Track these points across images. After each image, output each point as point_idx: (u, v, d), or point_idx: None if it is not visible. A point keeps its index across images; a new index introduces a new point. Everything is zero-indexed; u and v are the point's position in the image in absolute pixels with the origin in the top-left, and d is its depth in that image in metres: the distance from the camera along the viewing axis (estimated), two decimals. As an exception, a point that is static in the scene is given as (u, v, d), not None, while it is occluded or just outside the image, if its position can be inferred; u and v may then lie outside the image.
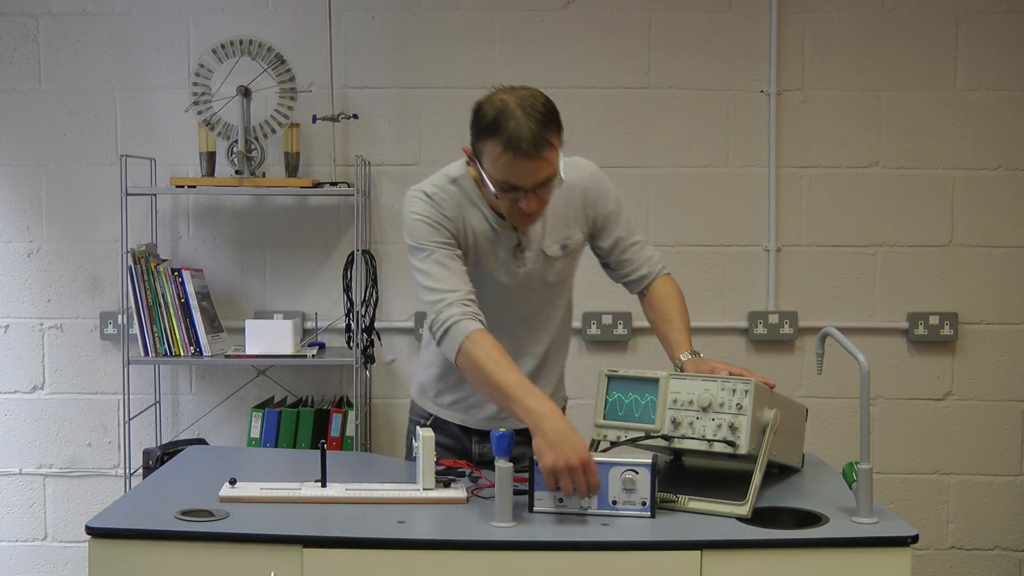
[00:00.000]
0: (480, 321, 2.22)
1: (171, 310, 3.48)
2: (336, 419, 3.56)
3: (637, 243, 2.49)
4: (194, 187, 3.53)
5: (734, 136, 3.79)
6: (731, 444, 2.03)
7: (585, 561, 1.92)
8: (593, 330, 3.78)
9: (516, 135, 2.12)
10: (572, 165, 2.38)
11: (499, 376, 2.14)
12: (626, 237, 2.47)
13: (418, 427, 2.21)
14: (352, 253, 3.54)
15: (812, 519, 2.02)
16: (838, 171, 3.80)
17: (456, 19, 3.75)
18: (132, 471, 3.54)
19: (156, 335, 3.47)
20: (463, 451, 2.52)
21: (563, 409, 2.64)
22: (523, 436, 2.14)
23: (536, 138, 2.13)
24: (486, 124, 2.16)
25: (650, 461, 2.02)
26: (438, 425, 2.52)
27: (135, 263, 3.47)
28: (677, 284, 2.51)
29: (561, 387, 2.63)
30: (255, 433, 3.55)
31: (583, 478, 2.00)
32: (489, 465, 2.12)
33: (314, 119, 3.62)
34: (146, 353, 3.48)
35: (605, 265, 2.53)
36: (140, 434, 3.74)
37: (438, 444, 2.22)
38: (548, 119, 2.16)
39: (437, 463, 2.18)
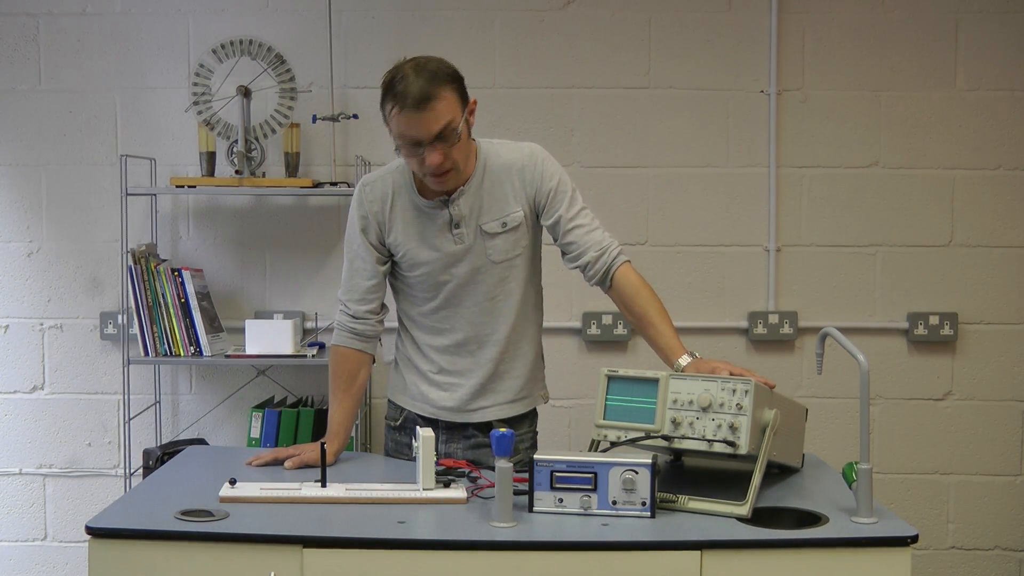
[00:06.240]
0: (355, 335, 2.57)
1: (171, 310, 3.48)
2: (336, 419, 3.56)
3: (582, 226, 2.45)
4: (194, 187, 3.53)
5: (734, 136, 3.79)
6: (731, 444, 2.03)
7: (585, 561, 1.92)
8: (593, 330, 3.78)
9: (403, 91, 2.27)
10: (514, 147, 2.50)
11: (330, 398, 2.60)
12: (569, 217, 2.45)
13: (418, 427, 2.22)
14: (352, 253, 3.54)
15: (812, 519, 2.02)
16: (838, 171, 3.80)
17: (456, 19, 3.75)
18: (132, 471, 3.54)
19: (156, 335, 3.47)
20: None
21: (545, 401, 2.66)
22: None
23: (422, 91, 2.26)
24: (383, 89, 2.32)
25: (650, 461, 2.02)
26: (411, 420, 2.59)
27: (135, 263, 3.47)
28: (641, 276, 2.45)
29: (539, 379, 2.62)
30: (255, 433, 3.55)
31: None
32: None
33: (314, 119, 3.62)
34: (146, 353, 3.48)
35: (563, 254, 2.51)
36: (140, 434, 3.74)
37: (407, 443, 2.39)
38: (437, 75, 2.29)
39: (437, 463, 2.19)
